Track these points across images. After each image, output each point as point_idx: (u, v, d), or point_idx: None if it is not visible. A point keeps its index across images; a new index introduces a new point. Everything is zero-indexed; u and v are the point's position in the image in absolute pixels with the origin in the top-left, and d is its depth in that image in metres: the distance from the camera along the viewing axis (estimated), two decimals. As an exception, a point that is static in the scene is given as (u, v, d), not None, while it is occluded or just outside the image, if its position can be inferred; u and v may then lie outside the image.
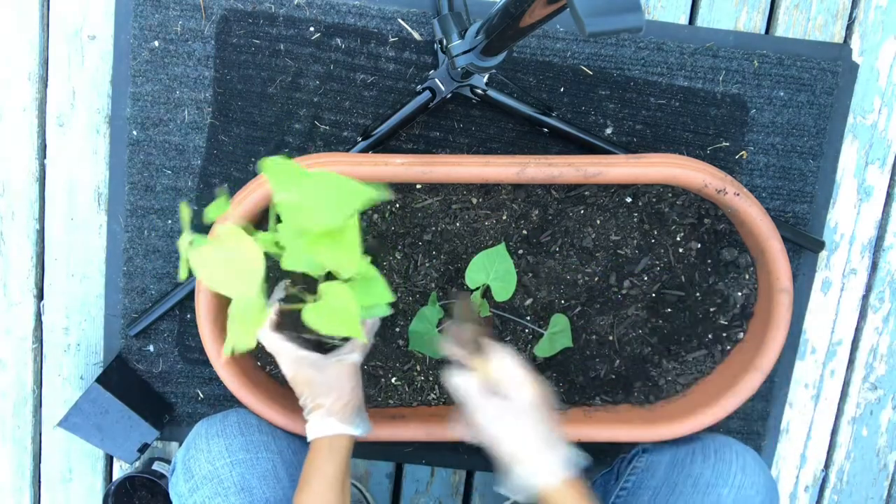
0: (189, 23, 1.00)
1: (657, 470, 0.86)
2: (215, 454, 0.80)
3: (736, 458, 0.81)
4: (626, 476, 0.89)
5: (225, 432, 0.82)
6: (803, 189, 1.07)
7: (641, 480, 0.86)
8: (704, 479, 0.79)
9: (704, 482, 0.79)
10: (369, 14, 1.00)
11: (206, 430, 0.83)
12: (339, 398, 0.77)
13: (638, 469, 0.89)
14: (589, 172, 0.85)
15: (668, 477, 0.83)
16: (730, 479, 0.79)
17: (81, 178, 1.04)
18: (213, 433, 0.82)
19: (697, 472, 0.81)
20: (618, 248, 0.94)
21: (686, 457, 0.84)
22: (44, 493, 1.12)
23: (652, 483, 0.84)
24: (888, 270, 1.13)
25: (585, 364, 0.97)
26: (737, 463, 0.80)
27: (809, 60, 1.04)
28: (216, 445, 0.81)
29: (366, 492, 1.14)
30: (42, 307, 1.07)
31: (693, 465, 0.82)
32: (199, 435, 0.83)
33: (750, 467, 0.80)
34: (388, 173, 0.85)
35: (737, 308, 0.96)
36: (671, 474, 0.83)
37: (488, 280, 0.88)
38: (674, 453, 0.86)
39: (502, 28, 0.68)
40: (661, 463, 0.86)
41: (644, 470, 0.88)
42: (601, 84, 1.03)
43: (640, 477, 0.87)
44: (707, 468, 0.80)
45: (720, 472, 0.80)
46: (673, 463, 0.85)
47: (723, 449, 0.83)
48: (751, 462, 0.81)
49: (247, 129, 1.02)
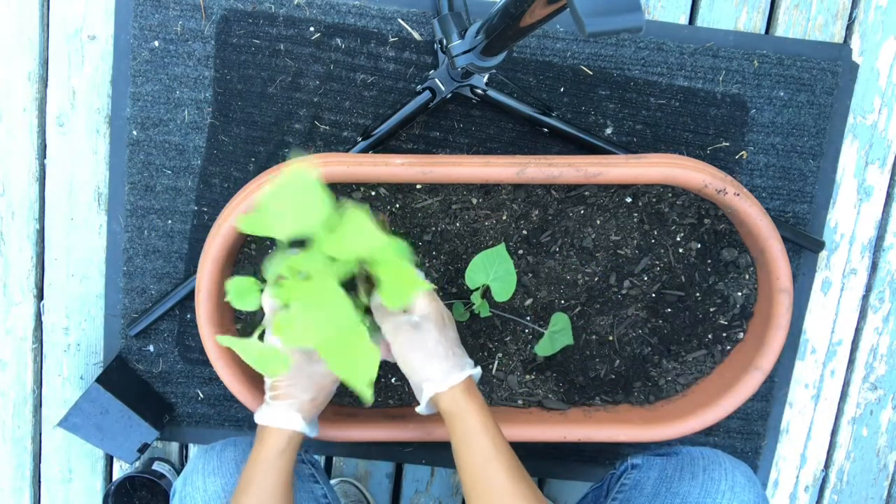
0: (189, 23, 1.00)
1: (644, 487, 0.84)
2: (211, 494, 0.78)
3: (725, 476, 0.78)
4: (614, 493, 0.88)
5: (221, 470, 0.80)
6: (803, 189, 1.07)
7: (629, 499, 0.85)
8: (692, 498, 0.77)
9: (692, 501, 0.77)
10: (369, 14, 1.00)
11: (203, 467, 0.80)
12: (314, 399, 0.76)
13: (626, 486, 0.86)
14: (589, 172, 0.85)
15: (656, 495, 0.81)
16: (718, 498, 0.76)
17: (81, 178, 1.04)
18: (209, 470, 0.80)
19: (685, 490, 0.78)
20: (618, 248, 0.94)
21: (674, 473, 0.82)
22: (44, 493, 1.12)
23: (640, 501, 0.83)
24: (888, 270, 1.13)
25: (585, 364, 0.97)
26: (725, 481, 0.78)
27: (809, 60, 1.04)
28: (212, 485, 0.78)
29: (366, 492, 1.14)
30: (42, 307, 1.07)
31: (681, 483, 0.80)
32: (196, 471, 0.80)
33: (739, 485, 0.77)
34: (388, 173, 0.85)
35: (737, 308, 0.96)
36: (658, 493, 0.81)
37: (488, 280, 0.88)
38: (662, 469, 0.84)
39: (502, 28, 0.68)
40: (649, 479, 0.84)
41: (632, 487, 0.85)
42: (601, 84, 1.03)
43: (628, 494, 0.85)
44: (695, 487, 0.78)
45: (708, 491, 0.77)
46: (661, 480, 0.83)
47: (711, 466, 0.80)
48: (740, 479, 0.78)
49: (247, 129, 1.02)
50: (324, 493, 0.86)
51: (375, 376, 0.67)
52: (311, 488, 0.85)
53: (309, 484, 0.86)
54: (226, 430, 1.10)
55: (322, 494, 0.86)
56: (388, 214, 0.92)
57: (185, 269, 1.05)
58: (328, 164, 0.85)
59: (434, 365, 0.73)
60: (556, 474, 1.15)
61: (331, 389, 0.79)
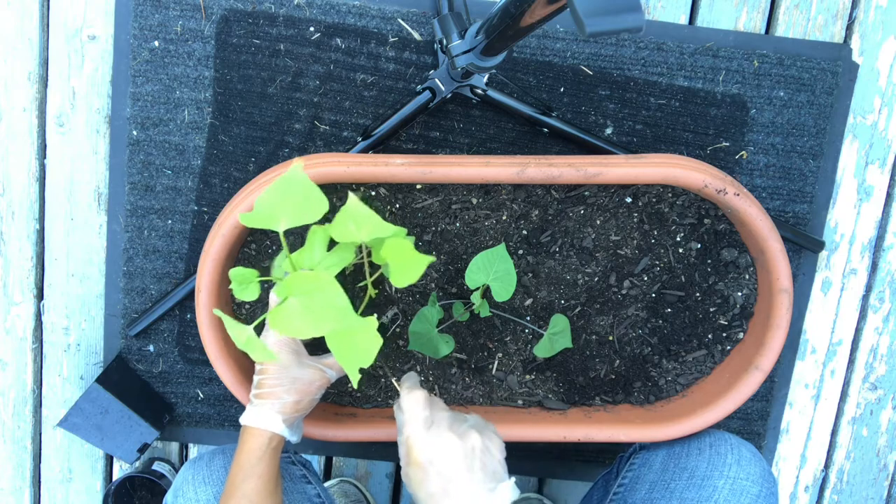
0: (189, 23, 1.00)
1: (653, 464, 0.86)
2: (203, 503, 0.78)
3: (731, 450, 0.81)
4: (623, 473, 0.89)
5: (212, 479, 0.79)
6: (803, 189, 1.07)
7: (638, 476, 0.86)
8: (700, 471, 0.79)
9: (700, 475, 0.79)
10: (369, 14, 1.00)
11: (193, 476, 0.80)
12: (298, 402, 0.76)
13: (635, 465, 0.89)
14: (589, 172, 0.85)
15: (665, 471, 0.83)
16: (725, 471, 0.78)
17: (81, 178, 1.04)
18: (199, 480, 0.79)
19: (693, 464, 0.81)
20: (618, 249, 0.94)
21: (682, 450, 0.84)
22: (44, 493, 1.12)
23: (648, 477, 0.84)
24: (888, 270, 1.13)
25: (585, 364, 0.97)
26: (732, 455, 0.80)
27: (809, 60, 1.04)
28: (204, 494, 0.78)
29: (366, 492, 1.14)
30: (42, 307, 1.07)
31: (689, 459, 0.82)
32: (187, 481, 0.80)
33: (745, 459, 0.79)
34: (388, 173, 0.85)
35: (737, 308, 0.96)
36: (667, 468, 0.83)
37: (488, 280, 0.88)
38: (669, 448, 0.87)
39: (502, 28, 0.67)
40: (657, 457, 0.87)
41: (641, 465, 0.88)
42: (601, 84, 1.03)
43: (637, 472, 0.87)
44: (702, 461, 0.80)
45: (715, 465, 0.79)
46: (669, 457, 0.85)
47: (718, 442, 0.82)
48: (746, 454, 0.80)
49: (247, 129, 1.02)
50: (317, 493, 0.86)
51: (371, 363, 0.65)
52: (303, 489, 0.85)
53: (301, 485, 0.86)
54: (226, 430, 1.10)
55: (315, 494, 0.86)
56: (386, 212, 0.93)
57: (185, 269, 1.05)
58: (328, 164, 0.85)
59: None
60: (556, 474, 1.15)
61: (315, 395, 0.78)
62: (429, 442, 0.66)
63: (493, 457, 0.67)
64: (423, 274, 0.93)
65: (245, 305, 0.93)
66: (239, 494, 0.71)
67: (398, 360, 0.96)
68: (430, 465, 0.66)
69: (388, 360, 0.96)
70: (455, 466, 0.65)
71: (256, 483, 0.72)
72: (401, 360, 0.96)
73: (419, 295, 0.94)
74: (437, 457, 0.66)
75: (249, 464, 0.72)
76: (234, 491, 0.72)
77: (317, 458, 1.15)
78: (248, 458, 0.73)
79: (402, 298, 0.94)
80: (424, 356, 0.96)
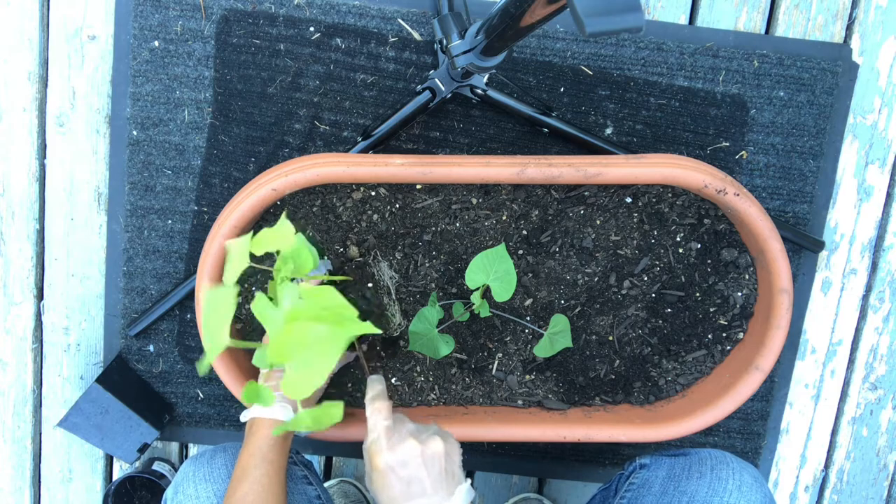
0: (189, 23, 1.00)
1: (653, 486, 0.84)
2: (203, 501, 0.78)
3: (732, 475, 0.79)
4: (622, 492, 0.88)
5: (213, 476, 0.79)
6: (803, 189, 1.07)
7: (637, 497, 0.85)
8: (700, 496, 0.78)
9: (700, 500, 0.78)
10: (369, 14, 1.00)
11: (194, 473, 0.80)
12: (313, 396, 0.78)
13: (634, 485, 0.87)
14: (589, 173, 0.85)
15: (664, 493, 0.82)
16: (725, 497, 0.77)
17: (81, 178, 1.04)
18: (200, 477, 0.80)
19: (693, 489, 0.79)
20: (618, 249, 0.94)
21: (682, 473, 0.83)
22: (44, 493, 1.12)
23: (648, 499, 0.83)
24: (888, 270, 1.13)
25: (585, 364, 0.97)
26: (733, 481, 0.78)
27: (809, 60, 1.04)
28: (204, 491, 0.78)
29: (366, 492, 1.14)
30: (42, 307, 1.07)
31: (689, 482, 0.80)
32: (187, 478, 0.80)
33: (747, 485, 0.78)
34: (388, 173, 0.85)
35: (737, 308, 0.96)
36: (666, 491, 0.82)
37: (488, 280, 0.88)
38: (670, 468, 0.85)
39: (502, 28, 0.67)
40: (657, 479, 0.85)
41: (640, 486, 0.86)
42: (601, 84, 1.03)
43: (636, 493, 0.86)
44: (703, 486, 0.79)
45: (716, 490, 0.78)
46: (669, 479, 0.83)
47: (719, 466, 0.81)
48: (748, 479, 0.79)
49: (247, 129, 1.02)
50: (317, 495, 0.86)
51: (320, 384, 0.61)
52: (304, 490, 0.85)
53: (302, 486, 0.86)
54: (226, 430, 1.10)
55: (316, 496, 0.86)
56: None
57: (185, 269, 1.05)
58: (328, 164, 0.85)
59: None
60: (556, 474, 1.15)
61: (322, 387, 0.80)
62: (390, 448, 0.70)
63: (452, 461, 0.72)
64: (424, 274, 0.93)
65: (244, 306, 0.93)
66: (251, 479, 0.72)
67: (398, 360, 0.96)
68: (391, 470, 0.69)
69: (388, 360, 0.96)
70: (416, 471, 0.69)
71: (268, 469, 0.73)
72: (401, 360, 0.96)
73: (419, 295, 0.94)
74: (399, 462, 0.69)
75: (261, 452, 0.74)
76: (245, 476, 0.73)
77: (317, 458, 1.15)
78: (260, 445, 0.74)
79: (403, 298, 0.94)
80: (424, 356, 0.96)
